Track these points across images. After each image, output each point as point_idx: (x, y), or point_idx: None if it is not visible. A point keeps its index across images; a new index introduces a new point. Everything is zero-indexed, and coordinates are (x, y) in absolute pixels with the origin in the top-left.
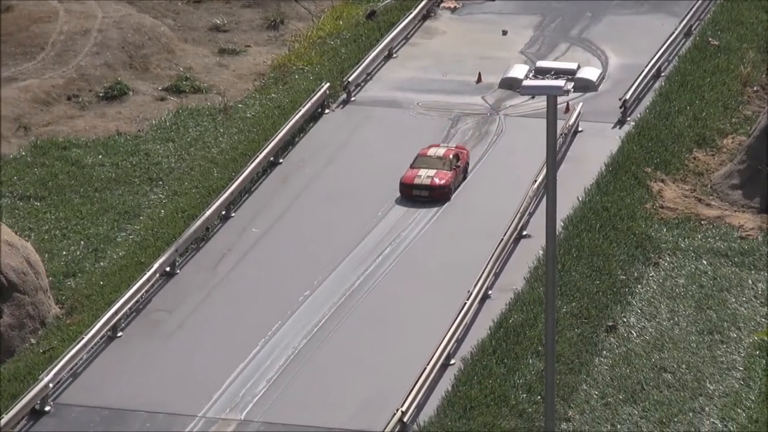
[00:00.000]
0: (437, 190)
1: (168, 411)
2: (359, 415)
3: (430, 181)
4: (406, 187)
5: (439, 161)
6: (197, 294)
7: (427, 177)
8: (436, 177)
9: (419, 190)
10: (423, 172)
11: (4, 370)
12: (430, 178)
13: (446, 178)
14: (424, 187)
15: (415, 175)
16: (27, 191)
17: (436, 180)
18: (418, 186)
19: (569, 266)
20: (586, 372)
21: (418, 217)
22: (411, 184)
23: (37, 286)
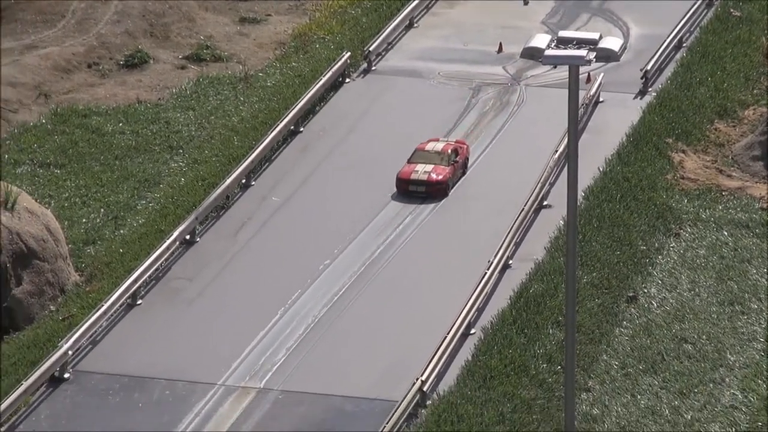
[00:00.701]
0: (434, 186)
1: (187, 379)
2: (379, 383)
3: (427, 176)
4: (402, 183)
5: (437, 156)
6: (217, 262)
7: (424, 172)
8: (434, 172)
9: (416, 186)
10: (420, 167)
11: (24, 337)
12: (427, 174)
13: (444, 174)
14: (421, 183)
15: (412, 170)
16: (47, 159)
17: (433, 175)
18: (414, 181)
19: (590, 236)
20: (607, 342)
21: None
22: (407, 180)
23: (57, 253)
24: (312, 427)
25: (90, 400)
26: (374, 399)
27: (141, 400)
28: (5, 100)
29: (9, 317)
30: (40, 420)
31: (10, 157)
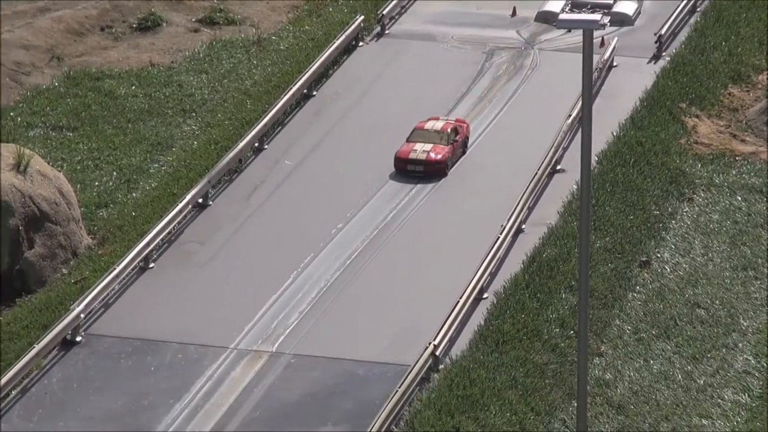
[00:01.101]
0: (432, 166)
1: (199, 342)
2: (391, 348)
3: (426, 155)
4: (400, 162)
5: (436, 135)
6: (229, 226)
7: (422, 152)
8: (432, 151)
9: (414, 165)
10: (419, 146)
11: (36, 299)
12: (425, 153)
13: (443, 153)
14: (419, 162)
15: (411, 149)
16: (60, 121)
17: (431, 155)
18: (413, 161)
19: (603, 201)
20: (620, 307)
21: None
22: (406, 159)
23: (69, 216)
24: (324, 391)
25: (102, 363)
26: (386, 363)
27: (153, 363)
28: (18, 62)
29: (21, 280)
30: (52, 383)
31: (22, 120)
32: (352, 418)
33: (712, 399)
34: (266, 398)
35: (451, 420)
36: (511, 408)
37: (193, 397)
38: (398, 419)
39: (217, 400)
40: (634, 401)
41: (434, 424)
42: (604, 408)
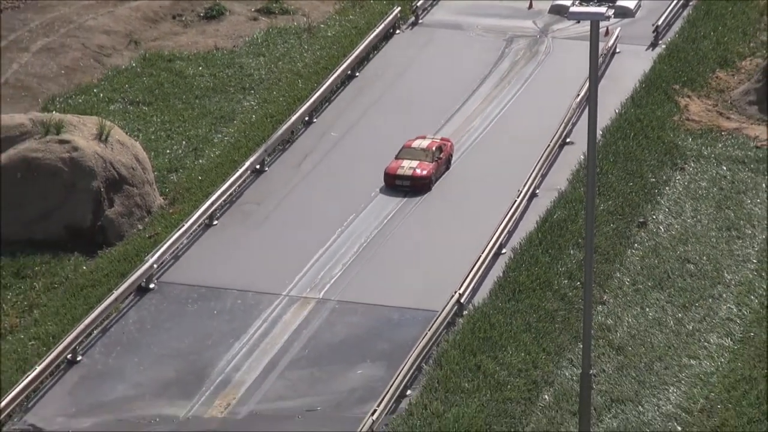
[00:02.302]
0: (418, 181)
1: (256, 290)
2: (422, 296)
3: (412, 171)
4: (389, 177)
5: (422, 153)
6: (283, 189)
7: (409, 168)
8: (418, 168)
9: (401, 180)
10: (406, 163)
11: (115, 251)
12: (412, 169)
13: (428, 169)
14: (406, 178)
15: (399, 165)
16: (136, 97)
17: (417, 171)
18: (400, 176)
19: (606, 169)
20: (620, 262)
21: (476, 125)
22: (394, 175)
23: (144, 179)
24: (363, 332)
25: (172, 307)
26: (417, 309)
27: (216, 307)
28: (100, 45)
29: (102, 234)
30: (129, 324)
31: (104, 96)
32: (387, 356)
33: (699, 342)
34: (313, 339)
35: (474, 358)
36: (526, 348)
37: (250, 338)
38: (428, 357)
39: (271, 340)
40: (631, 343)
41: (459, 362)
42: (606, 349)
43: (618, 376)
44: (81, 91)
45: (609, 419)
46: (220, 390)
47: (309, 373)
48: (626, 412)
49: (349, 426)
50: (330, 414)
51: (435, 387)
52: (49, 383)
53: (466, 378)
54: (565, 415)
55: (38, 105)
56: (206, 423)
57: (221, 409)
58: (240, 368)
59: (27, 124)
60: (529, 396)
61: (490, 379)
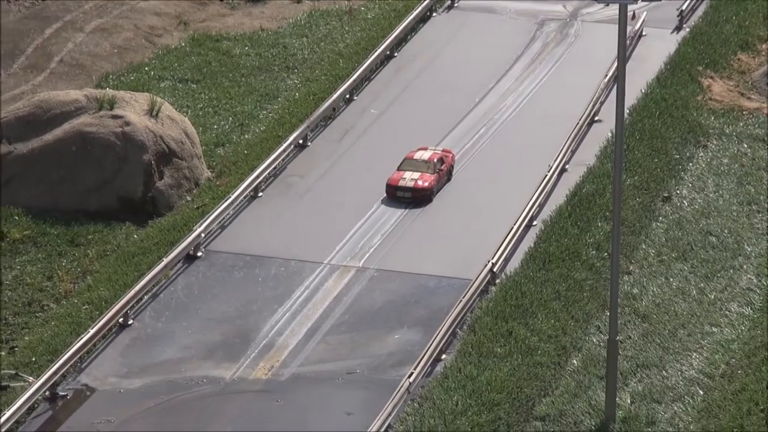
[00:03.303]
0: (419, 192)
1: (299, 258)
2: (456, 265)
3: (414, 183)
4: (391, 189)
5: (424, 164)
6: (325, 163)
7: (411, 179)
8: (420, 179)
9: (402, 192)
10: (408, 174)
11: (164, 221)
12: (413, 181)
13: (429, 181)
14: (408, 189)
15: (400, 177)
16: (185, 75)
17: (419, 182)
18: (401, 188)
19: (633, 146)
20: (645, 234)
21: (509, 103)
22: (396, 186)
23: (193, 153)
24: (401, 299)
25: (218, 274)
26: (453, 278)
27: (260, 275)
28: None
29: (153, 205)
30: (177, 290)
31: (155, 74)
32: (423, 322)
33: (720, 311)
34: (353, 305)
35: (506, 325)
36: (555, 315)
37: (293, 303)
38: (462, 323)
39: (313, 306)
40: (656, 311)
41: (491, 328)
42: (632, 317)
43: (643, 343)
44: (133, 69)
45: (634, 383)
46: (264, 353)
47: (349, 338)
48: (651, 377)
49: (387, 388)
50: (369, 376)
51: (469, 351)
52: (102, 346)
53: (499, 343)
54: (593, 379)
55: (92, 82)
56: (251, 384)
57: (265, 372)
58: (283, 332)
59: (82, 99)
60: (559, 361)
61: (521, 344)
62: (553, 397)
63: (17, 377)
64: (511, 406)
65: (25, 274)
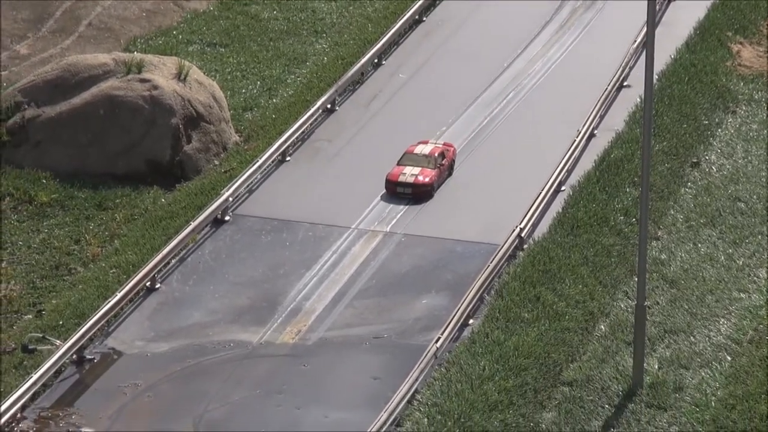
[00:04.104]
0: (420, 188)
1: (327, 223)
2: (484, 230)
3: (414, 179)
4: (390, 184)
5: (424, 159)
6: (352, 127)
7: (411, 175)
8: (420, 175)
9: (402, 188)
10: (408, 169)
11: (192, 185)
12: (414, 176)
13: (430, 176)
14: (408, 185)
15: (400, 172)
16: (214, 39)
17: (419, 178)
18: (401, 183)
19: (662, 112)
20: (674, 200)
21: (537, 68)
22: (395, 182)
23: (221, 117)
24: (428, 264)
25: (246, 238)
26: (480, 243)
27: (288, 239)
28: None
29: (181, 169)
30: (205, 254)
31: (183, 38)
32: (451, 287)
33: (749, 277)
34: (381, 270)
35: (533, 290)
36: (583, 281)
37: (321, 268)
38: (490, 288)
39: (340, 270)
40: (684, 277)
41: (519, 293)
42: (660, 282)
43: (671, 308)
44: (161, 33)
45: (662, 349)
46: (291, 317)
47: (376, 303)
48: (678, 343)
49: (414, 352)
50: (396, 341)
51: (496, 316)
52: (129, 309)
53: (526, 308)
54: (620, 345)
55: (120, 46)
56: (278, 349)
57: (292, 336)
58: (310, 297)
59: (110, 63)
60: (586, 326)
61: (548, 309)
62: (580, 363)
63: (44, 340)
64: (538, 371)
65: (53, 238)
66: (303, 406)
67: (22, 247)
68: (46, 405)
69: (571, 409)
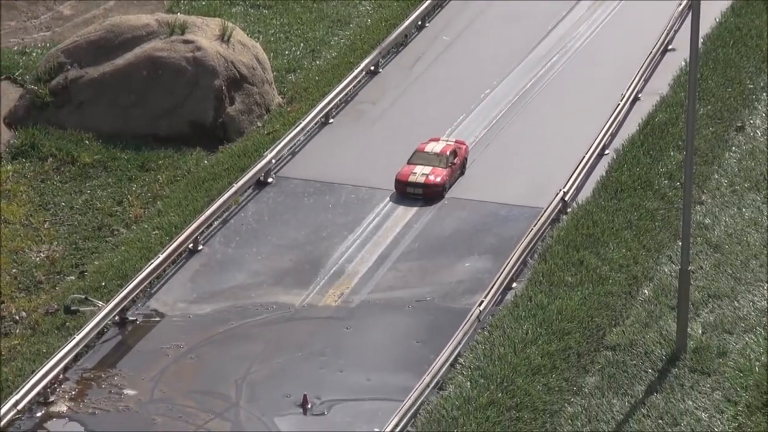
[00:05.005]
0: (431, 188)
1: (369, 185)
2: (528, 194)
3: (425, 179)
4: (400, 185)
5: (435, 158)
6: (396, 89)
7: (422, 175)
8: (432, 174)
9: (413, 188)
10: (419, 169)
11: (235, 147)
12: (425, 176)
13: (441, 176)
14: (419, 185)
15: (410, 171)
16: (257, 1)
17: (431, 178)
18: (412, 184)
19: (706, 75)
20: (718, 164)
21: (582, 31)
22: (406, 182)
23: (264, 79)
24: (471, 227)
25: (288, 200)
26: (524, 206)
27: (330, 201)
28: None
29: (223, 130)
30: (248, 216)
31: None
32: (494, 250)
33: None
34: (423, 232)
35: (577, 254)
36: (627, 245)
37: (363, 230)
38: (533, 252)
39: (383, 233)
40: (728, 242)
41: (563, 257)
42: (704, 247)
43: (715, 273)
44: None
45: (706, 314)
46: (334, 280)
47: (419, 265)
48: (722, 307)
49: (457, 316)
50: (438, 304)
51: (539, 280)
52: (171, 271)
53: (570, 272)
54: (664, 309)
55: (164, 7)
56: (320, 311)
57: (335, 298)
58: (353, 259)
59: (153, 24)
60: (630, 290)
61: (592, 273)
62: (623, 327)
63: (87, 302)
64: (581, 335)
65: (95, 199)
66: (345, 368)
67: (65, 208)
68: (89, 366)
69: (614, 374)
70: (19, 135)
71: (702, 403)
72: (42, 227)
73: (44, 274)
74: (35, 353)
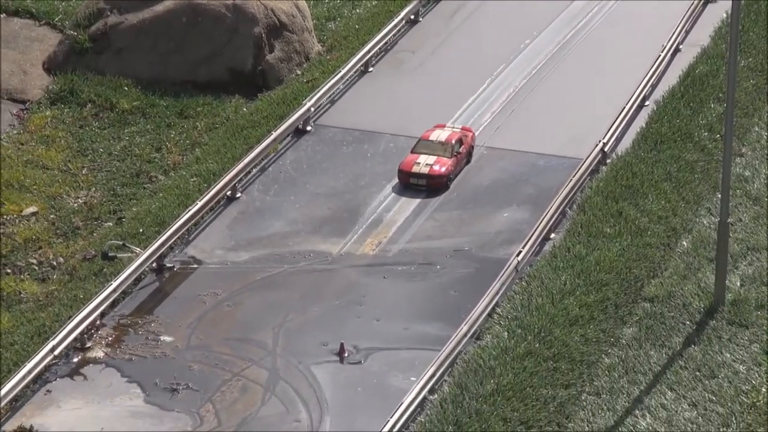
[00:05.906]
0: (435, 179)
1: (408, 134)
2: (568, 144)
3: (429, 169)
4: (403, 175)
5: (440, 147)
6: (436, 38)
7: (426, 165)
8: (436, 164)
9: (416, 179)
10: (423, 158)
11: (274, 95)
12: (428, 167)
13: (446, 166)
14: (422, 176)
15: (414, 161)
16: None
17: (435, 168)
18: (415, 174)
19: (748, 27)
20: (758, 116)
21: None
22: (409, 172)
23: (303, 27)
24: (510, 177)
25: (327, 149)
26: (563, 156)
27: (369, 150)
28: None
29: (263, 78)
30: (286, 164)
31: None
32: (532, 201)
33: None
34: (462, 182)
35: (616, 205)
36: (666, 197)
37: None
38: (572, 203)
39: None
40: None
41: (602, 208)
42: (743, 199)
43: (754, 226)
44: None
45: (744, 266)
46: (371, 229)
47: (457, 215)
48: (761, 260)
49: (495, 266)
50: (476, 254)
51: (578, 231)
52: (209, 218)
53: (608, 223)
54: (702, 261)
55: None
56: (358, 259)
57: (372, 247)
58: (391, 209)
59: None
60: (668, 242)
61: (630, 225)
62: (662, 279)
63: (124, 248)
64: (619, 286)
65: (134, 145)
66: (382, 317)
67: (103, 154)
68: (126, 312)
69: (652, 325)
70: (58, 80)
71: (739, 355)
72: (80, 173)
73: (82, 219)
74: (72, 299)
